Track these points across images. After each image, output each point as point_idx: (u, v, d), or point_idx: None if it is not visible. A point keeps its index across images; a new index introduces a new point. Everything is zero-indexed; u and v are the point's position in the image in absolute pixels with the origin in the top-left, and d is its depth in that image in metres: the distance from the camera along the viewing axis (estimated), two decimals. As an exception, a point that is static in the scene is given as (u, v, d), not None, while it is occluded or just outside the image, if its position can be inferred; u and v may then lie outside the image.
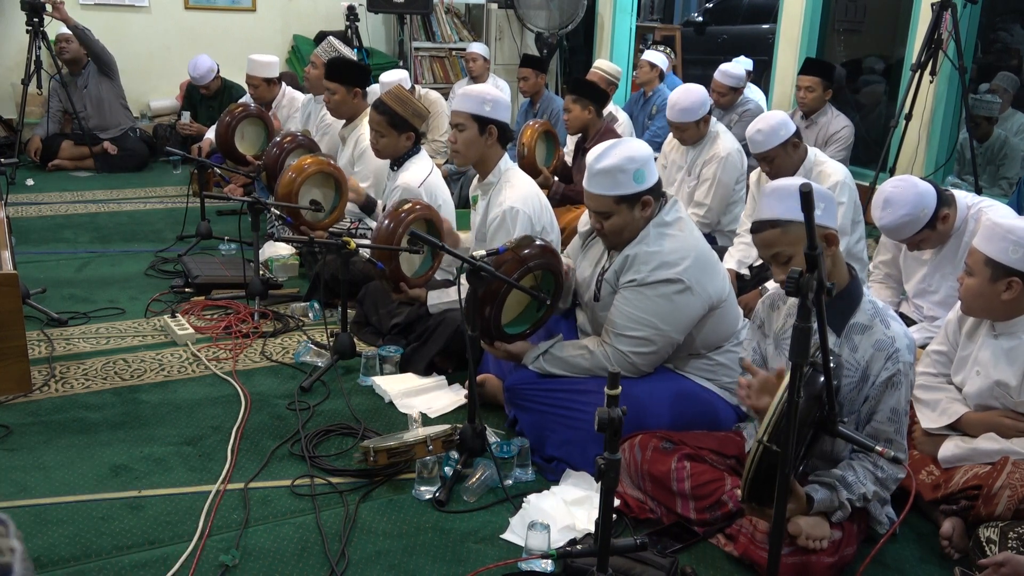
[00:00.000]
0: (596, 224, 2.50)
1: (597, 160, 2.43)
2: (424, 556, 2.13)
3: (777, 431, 1.81)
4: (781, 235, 2.08)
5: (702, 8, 11.52)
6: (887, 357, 2.04)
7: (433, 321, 3.16)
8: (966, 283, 2.28)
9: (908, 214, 2.73)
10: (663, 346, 2.47)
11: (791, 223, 2.05)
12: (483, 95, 3.08)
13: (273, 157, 4.13)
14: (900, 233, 2.79)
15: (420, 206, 3.05)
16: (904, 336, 2.07)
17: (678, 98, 4.12)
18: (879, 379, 2.05)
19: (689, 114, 4.08)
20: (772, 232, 2.09)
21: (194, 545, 2.12)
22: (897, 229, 2.77)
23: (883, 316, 2.09)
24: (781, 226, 2.07)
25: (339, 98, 4.19)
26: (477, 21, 8.31)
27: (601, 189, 2.43)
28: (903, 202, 2.73)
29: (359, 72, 4.28)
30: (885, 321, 2.08)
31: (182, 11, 7.43)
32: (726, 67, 5.71)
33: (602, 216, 2.47)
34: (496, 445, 2.52)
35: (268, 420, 2.79)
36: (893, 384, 2.04)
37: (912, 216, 2.73)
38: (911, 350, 2.08)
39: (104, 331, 3.46)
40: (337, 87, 4.17)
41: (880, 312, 2.10)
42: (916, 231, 2.76)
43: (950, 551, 2.18)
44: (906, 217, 2.73)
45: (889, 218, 2.75)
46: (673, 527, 2.23)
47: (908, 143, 5.06)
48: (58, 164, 6.37)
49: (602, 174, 2.42)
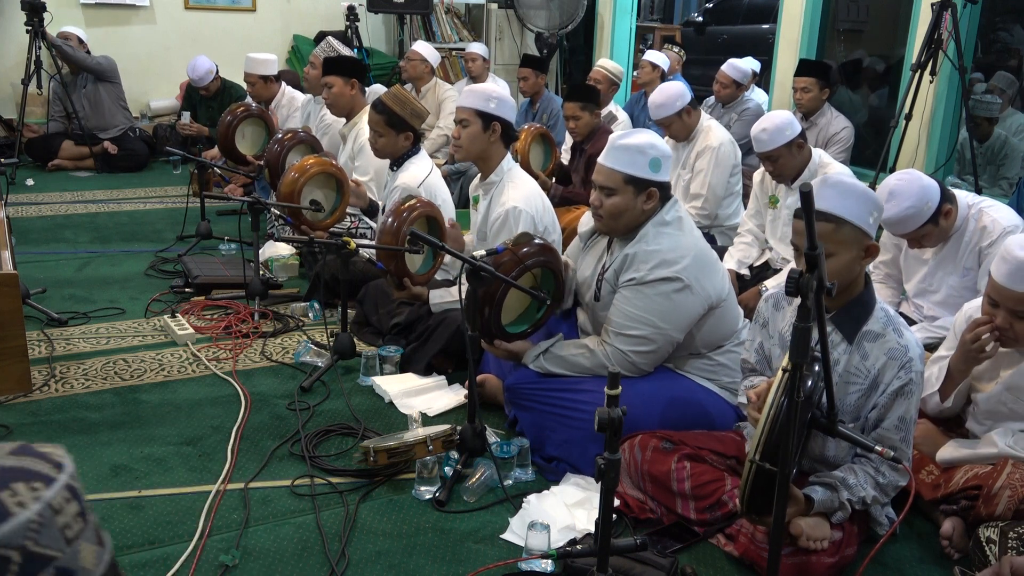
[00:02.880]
0: (596, 202, 2.49)
1: (621, 137, 2.47)
2: (424, 556, 2.13)
3: (768, 447, 1.82)
4: (832, 232, 2.00)
5: (702, 8, 11.52)
6: (900, 366, 2.02)
7: (433, 321, 3.16)
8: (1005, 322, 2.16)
9: (912, 207, 2.70)
10: (663, 345, 2.47)
11: (847, 224, 2.00)
12: (488, 92, 3.10)
13: (275, 154, 4.13)
14: (904, 226, 2.74)
15: (422, 203, 3.05)
16: (916, 345, 2.05)
17: (654, 97, 4.23)
18: (890, 388, 2.03)
19: (667, 108, 4.15)
20: (824, 225, 2.00)
21: (194, 545, 2.12)
22: (901, 222, 2.72)
23: (896, 324, 2.07)
24: (835, 222, 2.00)
25: (337, 91, 4.19)
26: (477, 21, 8.31)
27: (615, 164, 2.44)
28: (908, 194, 2.70)
29: (355, 65, 4.28)
30: (898, 330, 2.05)
31: (182, 11, 7.43)
32: (735, 60, 5.72)
33: (605, 193, 2.46)
34: (496, 445, 2.52)
35: (268, 420, 2.79)
36: (904, 393, 2.03)
37: (916, 209, 2.70)
38: (923, 359, 2.06)
39: (104, 331, 3.46)
40: (334, 79, 4.17)
41: (893, 320, 2.08)
42: (919, 225, 2.73)
43: (950, 551, 2.18)
44: (910, 210, 2.70)
45: (893, 210, 2.71)
46: (673, 527, 2.23)
47: (908, 143, 5.06)
48: (58, 164, 6.37)
49: (621, 150, 2.44)
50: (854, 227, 1.99)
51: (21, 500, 0.52)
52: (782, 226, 3.72)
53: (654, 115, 4.23)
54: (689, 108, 4.18)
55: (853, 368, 2.07)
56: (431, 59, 6.14)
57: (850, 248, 2.00)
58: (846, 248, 2.00)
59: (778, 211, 3.74)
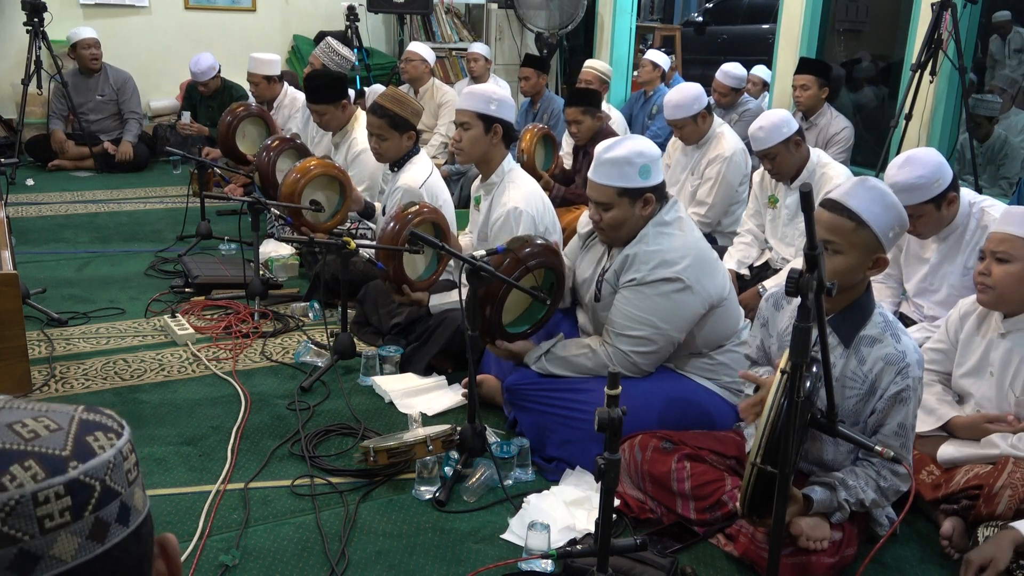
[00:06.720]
0: (595, 216, 2.50)
1: (606, 150, 2.45)
2: (424, 556, 2.13)
3: (768, 450, 1.82)
4: (850, 230, 1.98)
5: (702, 8, 11.52)
6: (897, 372, 2.01)
7: (433, 321, 3.16)
8: (1003, 271, 2.22)
9: (924, 176, 2.67)
10: (664, 345, 2.47)
11: (867, 228, 1.98)
12: (489, 94, 3.09)
13: (264, 163, 4.11)
14: (908, 196, 2.65)
15: (427, 209, 3.05)
16: (914, 351, 2.04)
17: (672, 96, 4.17)
18: (887, 393, 2.02)
19: (684, 110, 4.11)
20: (845, 222, 1.99)
21: (194, 545, 2.12)
22: (907, 190, 2.65)
23: (894, 330, 2.06)
24: (856, 222, 1.98)
25: (328, 117, 4.16)
26: (477, 21, 8.31)
27: (605, 179, 2.43)
28: (924, 163, 2.68)
29: (339, 84, 4.21)
30: (896, 335, 2.05)
31: (182, 11, 7.42)
32: (727, 67, 5.74)
33: (602, 208, 2.47)
34: (496, 445, 2.52)
35: (268, 420, 2.79)
36: (901, 399, 2.02)
37: (927, 180, 2.67)
38: (921, 365, 2.05)
39: (104, 331, 3.46)
40: (324, 108, 4.12)
41: (891, 325, 2.07)
42: (923, 200, 2.69)
43: (950, 551, 2.18)
44: (921, 179, 2.67)
45: (905, 176, 2.68)
46: (673, 527, 2.23)
47: (908, 143, 5.06)
48: (58, 164, 6.37)
49: (609, 164, 2.43)
50: (872, 234, 1.98)
51: (102, 444, 0.68)
52: (782, 226, 3.72)
53: (669, 115, 4.17)
54: (704, 112, 4.15)
55: (850, 372, 2.06)
56: (429, 59, 6.13)
57: (861, 252, 1.99)
58: (857, 251, 1.99)
59: (778, 211, 3.74)
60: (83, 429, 0.68)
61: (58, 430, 0.67)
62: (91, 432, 0.69)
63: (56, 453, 0.65)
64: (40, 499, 0.62)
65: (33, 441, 0.65)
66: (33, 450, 0.64)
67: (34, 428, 0.66)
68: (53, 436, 0.66)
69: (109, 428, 0.71)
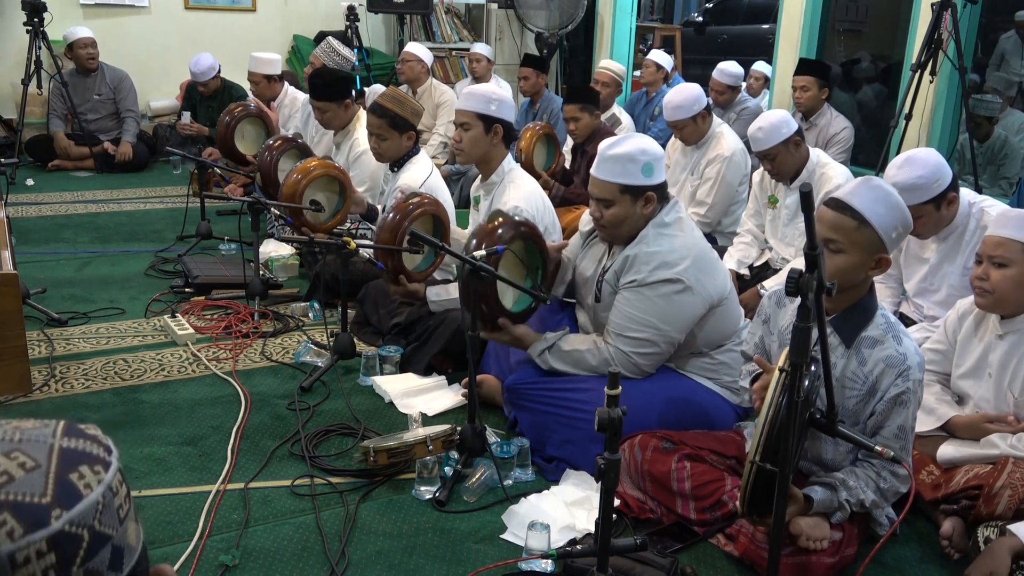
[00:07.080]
0: (596, 213, 2.50)
1: (610, 147, 2.45)
2: (424, 556, 2.13)
3: (768, 448, 1.82)
4: (853, 229, 1.97)
5: (702, 8, 11.52)
6: (898, 374, 2.00)
7: (434, 321, 3.15)
8: (1001, 275, 2.22)
9: (924, 176, 2.67)
10: (665, 346, 2.47)
11: (870, 227, 1.97)
12: (489, 94, 3.09)
13: (266, 162, 4.11)
14: (908, 196, 2.60)
15: (428, 201, 3.04)
16: (915, 353, 2.03)
17: (671, 97, 4.17)
18: (887, 395, 2.01)
19: (683, 111, 4.11)
20: (847, 220, 1.98)
21: (194, 545, 2.12)
22: (908, 190, 2.63)
23: (895, 331, 2.05)
24: (859, 221, 1.97)
25: (331, 114, 4.16)
26: (477, 21, 8.31)
27: (608, 176, 2.44)
28: (924, 163, 2.68)
29: (344, 82, 4.22)
30: (897, 337, 2.04)
31: (182, 11, 7.43)
32: (723, 65, 5.73)
33: (603, 204, 2.47)
34: (496, 445, 2.52)
35: (268, 420, 2.79)
36: (902, 402, 2.01)
37: (926, 180, 2.67)
38: (921, 368, 2.04)
39: (104, 331, 3.46)
40: (327, 105, 4.12)
41: (893, 327, 2.06)
42: (923, 200, 2.68)
43: (950, 551, 2.18)
44: (921, 179, 2.67)
45: (905, 176, 2.68)
46: (673, 527, 2.23)
47: (908, 143, 5.06)
48: (58, 164, 6.37)
49: (612, 160, 2.43)
50: (875, 233, 1.97)
51: (88, 482, 0.58)
52: (782, 226, 3.72)
53: (668, 116, 4.18)
54: (704, 113, 4.15)
55: (850, 373, 2.06)
56: (426, 59, 6.13)
57: (863, 252, 1.98)
58: (859, 250, 1.98)
59: (777, 211, 3.74)
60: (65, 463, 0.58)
61: (35, 468, 0.57)
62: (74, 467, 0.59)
63: (35, 501, 0.55)
64: (19, 560, 0.53)
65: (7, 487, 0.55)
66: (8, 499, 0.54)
67: (7, 468, 0.56)
68: (30, 477, 0.56)
69: (95, 458, 0.62)
